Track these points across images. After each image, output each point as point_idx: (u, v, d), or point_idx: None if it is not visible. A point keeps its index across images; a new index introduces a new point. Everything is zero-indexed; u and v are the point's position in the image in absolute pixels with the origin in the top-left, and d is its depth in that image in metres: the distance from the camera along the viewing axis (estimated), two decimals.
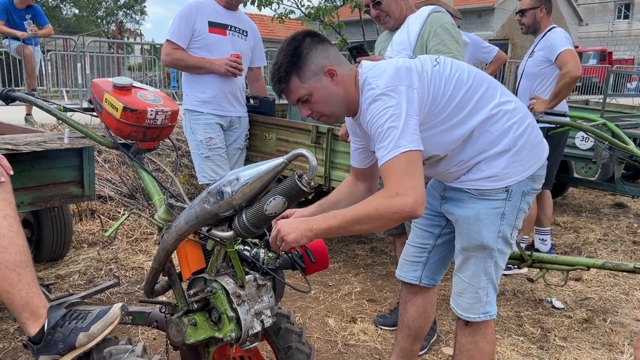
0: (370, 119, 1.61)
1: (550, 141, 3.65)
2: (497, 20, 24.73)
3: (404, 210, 1.51)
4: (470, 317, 1.90)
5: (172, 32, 3.21)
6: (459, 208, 1.85)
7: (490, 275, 1.87)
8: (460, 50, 2.51)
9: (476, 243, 1.82)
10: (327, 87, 1.68)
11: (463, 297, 1.91)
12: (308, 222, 1.59)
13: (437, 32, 2.49)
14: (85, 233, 4.11)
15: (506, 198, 1.77)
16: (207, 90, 3.31)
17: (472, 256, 1.85)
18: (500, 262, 1.87)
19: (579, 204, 5.93)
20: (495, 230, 1.79)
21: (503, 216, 1.79)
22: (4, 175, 1.70)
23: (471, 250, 1.84)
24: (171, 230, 1.62)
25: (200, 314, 1.67)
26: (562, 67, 3.56)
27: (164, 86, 12.23)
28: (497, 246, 1.82)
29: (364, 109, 1.66)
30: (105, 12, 39.50)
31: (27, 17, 6.28)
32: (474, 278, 1.87)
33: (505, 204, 1.78)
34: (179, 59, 3.23)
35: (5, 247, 1.60)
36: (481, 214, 1.79)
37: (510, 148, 1.75)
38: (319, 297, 3.28)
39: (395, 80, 1.62)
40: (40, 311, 1.64)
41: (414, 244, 2.11)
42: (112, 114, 1.79)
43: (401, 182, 1.52)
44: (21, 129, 3.23)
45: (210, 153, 3.33)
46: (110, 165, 4.85)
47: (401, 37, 2.59)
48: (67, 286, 3.22)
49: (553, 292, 3.50)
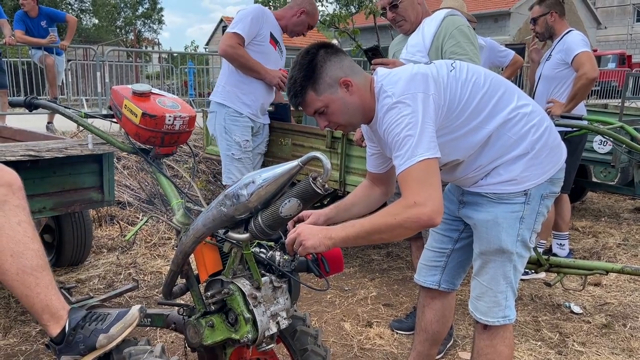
0: (387, 127, 1.63)
1: (567, 145, 3.61)
2: (514, 24, 24.58)
3: (422, 220, 1.53)
4: (489, 321, 1.89)
5: (243, 28, 3.21)
6: (477, 212, 1.85)
7: (509, 279, 1.86)
8: (476, 52, 2.51)
9: (495, 247, 1.81)
10: (343, 98, 1.69)
11: (482, 300, 1.90)
12: (327, 230, 1.61)
13: (453, 34, 2.49)
14: (104, 238, 4.18)
15: (525, 202, 1.77)
16: (251, 94, 3.37)
17: (491, 260, 1.84)
18: (519, 266, 1.86)
19: (598, 209, 5.86)
20: (514, 234, 1.79)
21: (522, 220, 1.78)
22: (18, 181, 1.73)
23: (490, 254, 1.84)
24: (189, 233, 1.65)
25: (218, 315, 1.70)
26: (579, 69, 3.54)
27: (182, 94, 12.38)
28: (516, 250, 1.81)
29: (380, 117, 1.67)
30: (124, 21, 40.16)
31: (43, 24, 6.41)
32: (493, 282, 1.86)
33: (524, 207, 1.77)
34: (241, 55, 3.24)
35: (21, 253, 1.64)
36: (500, 218, 1.78)
37: (528, 152, 1.74)
38: (335, 302, 3.29)
39: (411, 88, 1.62)
40: (60, 312, 1.68)
41: (432, 248, 2.12)
42: (132, 120, 1.84)
43: (419, 192, 1.53)
44: (43, 136, 3.30)
45: (242, 155, 3.37)
46: (129, 171, 4.93)
47: (416, 39, 2.60)
48: (87, 290, 3.28)
49: (571, 297, 3.47)
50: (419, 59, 2.52)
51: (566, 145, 3.75)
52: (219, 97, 3.40)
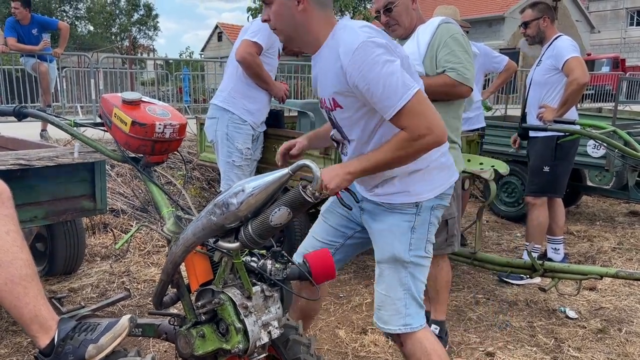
0: (361, 65, 1.61)
1: (560, 149, 3.69)
2: (508, 29, 24.72)
3: (431, 146, 1.66)
4: (391, 329, 1.92)
5: (262, 38, 3.22)
6: (374, 221, 1.93)
7: (407, 286, 1.89)
8: (470, 60, 2.51)
9: (388, 254, 1.88)
10: (289, 7, 1.71)
11: (383, 310, 1.94)
12: (346, 166, 1.69)
13: (447, 43, 2.50)
14: (98, 246, 4.16)
15: (416, 212, 1.86)
16: (257, 104, 3.39)
17: (386, 268, 1.91)
18: (418, 275, 1.90)
19: (593, 213, 5.87)
20: (406, 242, 1.86)
21: (413, 229, 1.86)
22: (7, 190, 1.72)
23: (385, 262, 1.90)
24: (179, 242, 1.64)
25: (208, 325, 1.68)
26: (569, 75, 3.56)
27: (177, 100, 12.37)
28: (409, 258, 1.87)
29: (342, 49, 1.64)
30: (120, 28, 40.15)
31: (35, 32, 6.40)
32: (391, 290, 1.91)
33: (415, 217, 1.86)
34: (258, 64, 3.26)
35: (9, 262, 1.63)
36: (393, 227, 1.87)
37: (422, 168, 1.83)
38: (330, 309, 3.28)
39: (373, 32, 1.67)
40: (49, 323, 1.66)
41: (320, 238, 2.13)
42: (121, 129, 1.82)
43: (420, 124, 1.61)
44: (35, 145, 3.28)
45: (243, 163, 3.37)
46: (123, 179, 4.91)
47: (411, 47, 2.60)
48: (80, 299, 3.26)
49: (567, 301, 3.46)
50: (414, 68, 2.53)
51: (559, 150, 3.80)
52: (224, 102, 3.36)
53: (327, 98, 1.80)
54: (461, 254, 3.34)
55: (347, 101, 1.73)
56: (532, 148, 3.89)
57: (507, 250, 4.55)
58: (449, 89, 2.48)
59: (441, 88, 2.48)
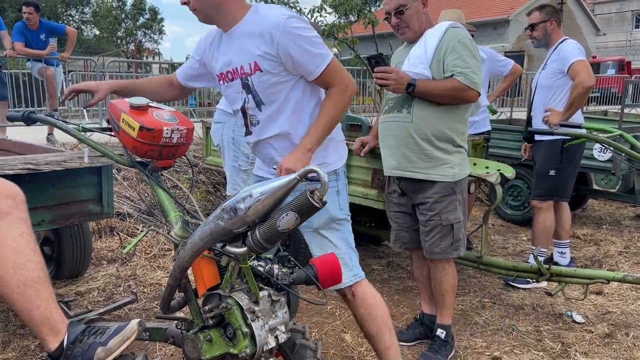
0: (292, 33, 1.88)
1: (566, 153, 3.68)
2: (513, 32, 24.67)
3: (353, 92, 2.03)
4: (346, 284, 2.13)
5: None
6: None
7: (347, 240, 2.17)
8: (477, 65, 2.51)
9: (325, 217, 2.10)
10: None
11: None
12: (301, 147, 1.94)
13: (455, 47, 2.50)
14: (104, 250, 4.18)
15: (336, 179, 2.14)
16: None
17: (326, 230, 2.13)
18: (348, 229, 2.19)
19: (599, 216, 5.85)
20: (336, 204, 2.14)
21: (338, 193, 2.15)
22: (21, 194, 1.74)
23: (323, 226, 2.12)
24: (186, 246, 1.64)
25: (216, 329, 1.69)
26: (575, 78, 3.55)
27: (182, 104, 12.40)
28: (342, 215, 2.15)
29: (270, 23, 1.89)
30: (125, 32, 40.31)
31: (42, 37, 6.45)
32: (335, 248, 2.11)
33: (337, 183, 2.14)
34: None
35: (22, 264, 1.64)
36: None
37: (331, 139, 2.09)
38: (335, 313, 3.28)
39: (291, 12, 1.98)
40: (59, 326, 1.67)
41: None
42: (129, 134, 1.84)
43: (343, 77, 1.98)
44: (42, 149, 3.31)
45: (249, 167, 3.34)
46: (129, 182, 4.93)
47: (419, 51, 2.61)
48: (87, 303, 3.27)
49: (573, 306, 3.45)
50: (421, 71, 2.53)
51: (565, 154, 3.79)
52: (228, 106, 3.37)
53: (245, 64, 1.98)
54: (467, 258, 3.34)
55: (269, 64, 1.94)
56: (537, 152, 3.88)
57: (513, 254, 4.54)
58: (457, 93, 2.48)
59: (449, 92, 2.48)
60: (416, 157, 2.59)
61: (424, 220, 2.66)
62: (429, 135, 2.56)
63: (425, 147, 2.57)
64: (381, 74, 2.52)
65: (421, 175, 2.60)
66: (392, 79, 2.50)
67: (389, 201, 2.88)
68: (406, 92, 2.52)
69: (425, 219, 2.65)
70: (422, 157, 2.58)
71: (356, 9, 7.45)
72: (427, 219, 2.64)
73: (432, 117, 2.55)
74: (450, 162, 2.59)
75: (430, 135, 2.56)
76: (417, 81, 2.49)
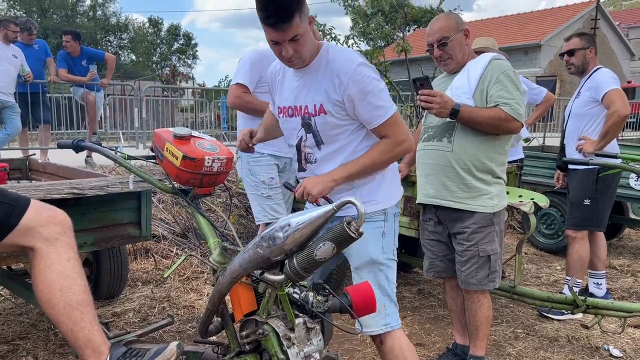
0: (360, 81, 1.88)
1: (601, 182, 3.64)
2: (545, 57, 24.49)
3: (405, 152, 2.04)
4: (374, 331, 2.07)
5: (243, 76, 3.29)
6: None
7: (384, 288, 2.09)
8: (521, 97, 2.52)
9: (365, 259, 2.06)
10: (309, 34, 1.89)
11: None
12: (329, 175, 1.95)
13: (500, 79, 2.52)
14: (139, 271, 4.27)
15: (384, 219, 2.08)
16: None
17: (365, 272, 2.07)
18: (390, 276, 2.11)
19: (636, 246, 5.70)
20: (379, 246, 2.07)
21: (384, 234, 2.08)
22: (69, 221, 1.82)
23: (362, 267, 2.07)
24: (226, 273, 1.70)
25: (252, 355, 1.73)
26: (610, 107, 3.52)
27: (215, 127, 12.67)
28: (383, 260, 2.08)
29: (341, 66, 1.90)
30: (160, 57, 41.52)
31: (84, 63, 6.72)
32: None
33: (384, 224, 2.08)
34: (249, 101, 3.31)
35: (69, 287, 1.72)
36: (366, 234, 1.92)
37: (382, 177, 2.06)
38: (366, 340, 3.27)
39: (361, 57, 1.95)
40: (102, 348, 1.74)
41: None
42: (173, 162, 1.92)
43: (401, 132, 1.97)
44: (85, 173, 3.43)
45: (271, 192, 3.41)
46: (165, 205, 5.05)
47: (461, 81, 2.63)
48: (123, 324, 3.35)
49: (610, 339, 3.37)
50: (464, 101, 2.54)
51: (600, 183, 3.73)
52: None
53: (310, 105, 1.99)
54: (500, 288, 3.30)
55: (334, 108, 1.94)
56: (571, 180, 3.84)
57: (547, 284, 4.46)
58: (501, 123, 2.49)
59: (493, 121, 2.48)
60: (455, 186, 2.60)
61: (461, 250, 2.66)
62: (470, 166, 2.57)
63: (465, 177, 2.57)
64: (426, 97, 2.51)
65: (460, 205, 2.60)
66: (436, 102, 2.48)
67: (423, 229, 2.89)
68: (450, 117, 2.52)
69: (462, 249, 2.65)
70: (461, 186, 2.59)
71: (387, 36, 7.55)
72: (464, 249, 2.64)
73: (473, 147, 2.56)
74: (490, 192, 2.59)
75: (471, 166, 2.57)
76: (461, 107, 2.49)
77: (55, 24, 31.80)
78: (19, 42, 6.28)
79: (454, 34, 2.60)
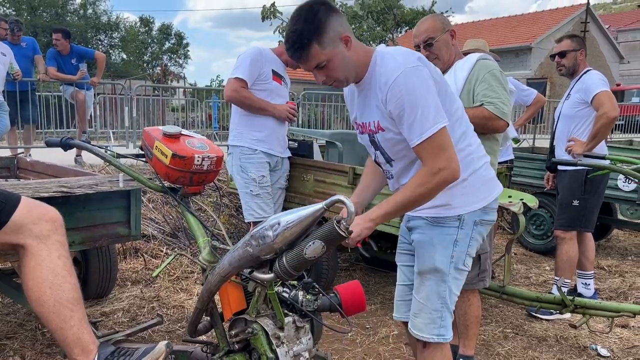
0: (399, 91, 1.69)
1: (590, 183, 3.66)
2: (535, 59, 24.67)
3: (449, 180, 1.72)
4: (425, 337, 1.95)
5: (243, 71, 3.31)
6: (418, 234, 1.97)
7: (444, 299, 1.94)
8: (507, 96, 2.54)
9: (429, 266, 1.92)
10: (343, 54, 1.74)
11: (419, 317, 1.97)
12: (366, 215, 1.78)
13: (485, 78, 2.54)
14: (129, 271, 4.25)
15: (458, 226, 1.90)
16: (265, 130, 3.45)
17: (427, 278, 1.93)
18: (454, 287, 1.95)
19: (624, 247, 5.75)
20: (448, 254, 1.90)
21: (456, 243, 1.91)
22: (60, 218, 1.81)
23: (425, 273, 1.93)
24: (215, 271, 1.69)
25: (241, 354, 1.72)
26: (599, 109, 3.56)
27: (206, 127, 12.62)
28: (449, 270, 1.91)
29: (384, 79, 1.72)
30: (151, 56, 41.30)
31: (74, 62, 6.68)
32: (429, 300, 1.94)
33: (458, 231, 1.90)
34: (246, 97, 3.34)
35: (59, 285, 1.71)
36: (435, 239, 1.90)
37: (464, 179, 1.85)
38: (357, 340, 3.28)
39: (414, 60, 1.73)
40: (90, 347, 1.73)
41: (402, 282, 2.15)
42: (162, 161, 1.91)
43: (440, 157, 1.68)
44: (73, 172, 3.41)
45: (260, 191, 3.43)
46: (154, 205, 5.02)
47: (449, 82, 2.64)
48: (112, 323, 3.32)
49: (598, 339, 3.39)
50: None
51: (588, 184, 3.76)
52: (234, 139, 3.50)
53: (372, 122, 1.85)
54: (490, 288, 3.32)
55: (389, 122, 1.79)
56: (561, 181, 3.87)
57: (536, 284, 4.49)
58: (485, 122, 2.50)
59: (478, 120, 2.48)
60: None
61: None
62: None
63: None
64: None
65: None
66: None
67: None
68: None
69: None
70: None
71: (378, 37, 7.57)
72: None
73: None
74: None
75: None
76: None
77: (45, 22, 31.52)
78: (6, 41, 6.23)
79: (440, 34, 2.62)
